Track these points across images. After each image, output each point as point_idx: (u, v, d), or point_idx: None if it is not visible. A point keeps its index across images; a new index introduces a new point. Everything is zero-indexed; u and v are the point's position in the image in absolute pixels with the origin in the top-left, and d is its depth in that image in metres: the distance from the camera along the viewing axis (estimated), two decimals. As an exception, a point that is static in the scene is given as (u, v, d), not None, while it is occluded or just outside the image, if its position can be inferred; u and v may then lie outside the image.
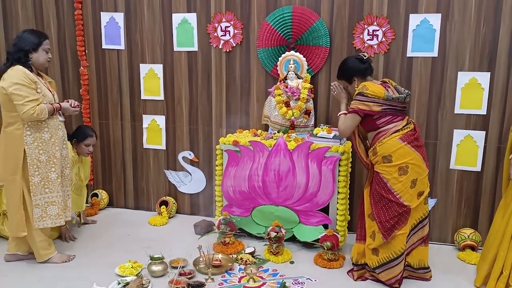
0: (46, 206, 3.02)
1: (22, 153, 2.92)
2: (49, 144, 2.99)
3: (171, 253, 3.29)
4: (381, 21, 3.38)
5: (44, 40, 2.99)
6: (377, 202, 2.84)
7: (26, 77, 2.86)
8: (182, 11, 3.77)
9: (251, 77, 3.74)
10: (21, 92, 2.83)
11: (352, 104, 2.82)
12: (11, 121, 2.91)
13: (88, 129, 3.67)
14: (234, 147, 3.43)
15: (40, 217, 3.02)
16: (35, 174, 2.96)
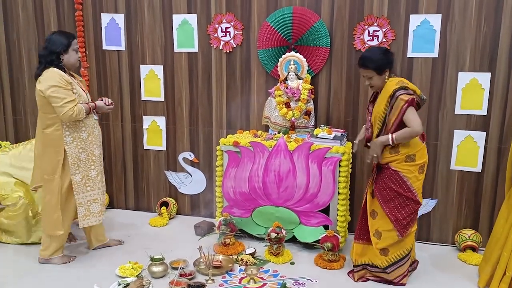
0: (89, 205, 3.11)
1: (62, 153, 2.99)
2: (87, 143, 3.06)
3: (171, 254, 3.29)
4: (382, 21, 3.38)
5: (73, 40, 3.04)
6: (389, 200, 2.83)
7: (62, 78, 2.91)
8: (182, 12, 3.78)
9: (251, 78, 3.74)
10: (59, 94, 2.88)
11: (404, 97, 2.67)
12: (50, 122, 2.97)
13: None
14: (234, 148, 3.43)
15: (84, 216, 3.10)
16: (76, 172, 3.03)
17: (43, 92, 2.89)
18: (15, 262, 3.24)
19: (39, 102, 2.98)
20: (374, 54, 2.80)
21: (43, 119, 3.00)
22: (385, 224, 2.86)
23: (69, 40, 3.00)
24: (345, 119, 3.60)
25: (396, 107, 2.71)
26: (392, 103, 2.72)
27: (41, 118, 3.02)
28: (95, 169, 3.11)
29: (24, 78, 4.28)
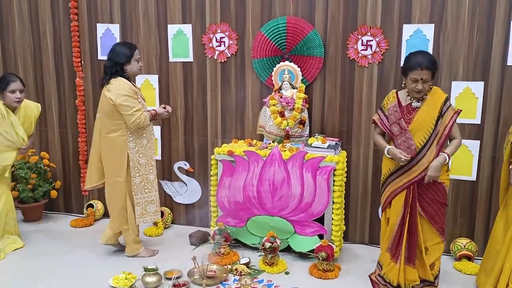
0: (146, 205, 3.30)
1: (126, 157, 3.18)
2: (146, 148, 3.26)
3: (165, 264, 3.27)
4: (375, 31, 3.40)
5: (135, 50, 3.20)
6: (435, 214, 2.78)
7: (130, 88, 3.11)
8: (177, 22, 3.80)
9: (246, 87, 3.75)
10: (129, 103, 3.08)
11: (452, 109, 2.69)
12: (115, 128, 3.15)
13: (10, 74, 3.44)
14: (229, 157, 3.43)
15: (141, 214, 3.30)
16: (136, 175, 3.24)
17: (113, 101, 3.07)
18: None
19: (106, 108, 3.14)
20: (433, 56, 2.72)
21: (107, 125, 3.17)
22: (433, 238, 2.81)
23: (132, 51, 3.17)
24: (339, 128, 3.61)
25: (447, 116, 2.68)
26: (443, 111, 2.68)
27: (105, 123, 3.17)
28: (153, 173, 3.33)
29: (20, 88, 4.28)
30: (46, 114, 4.25)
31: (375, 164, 3.58)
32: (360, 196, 3.66)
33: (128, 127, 3.15)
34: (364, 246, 3.69)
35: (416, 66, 2.62)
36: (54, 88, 4.21)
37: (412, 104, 2.74)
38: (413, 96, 2.72)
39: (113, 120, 3.15)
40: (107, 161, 3.24)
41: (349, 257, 3.49)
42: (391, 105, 2.79)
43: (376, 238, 3.67)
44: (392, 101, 2.80)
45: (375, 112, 3.08)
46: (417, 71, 2.62)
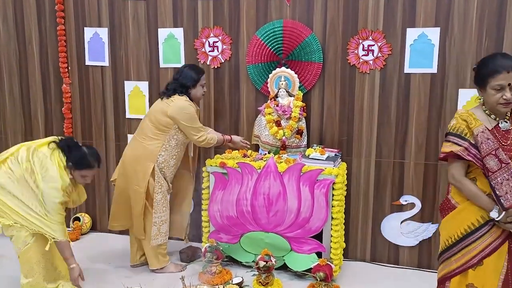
0: (161, 224, 3.20)
1: (151, 168, 3.10)
2: (171, 169, 3.20)
3: (153, 284, 3.07)
4: (377, 35, 3.20)
5: (202, 75, 3.19)
6: None
7: (193, 108, 3.11)
8: (168, 26, 3.61)
9: (240, 95, 3.55)
10: (193, 122, 3.09)
11: None
12: (154, 138, 3.11)
13: (92, 156, 2.86)
14: (221, 169, 3.22)
15: (155, 235, 3.19)
16: (159, 192, 3.14)
17: (173, 118, 3.05)
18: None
19: (156, 117, 3.09)
20: None
21: (148, 132, 3.12)
22: None
23: (199, 76, 3.16)
24: (339, 138, 3.40)
25: None
26: None
27: (148, 130, 3.12)
28: (168, 192, 3.26)
29: (5, 95, 4.09)
30: (32, 123, 4.05)
31: (376, 176, 3.37)
32: (361, 211, 3.45)
33: (165, 143, 3.11)
34: (365, 264, 3.47)
35: (500, 68, 2.01)
36: (40, 96, 4.02)
37: (499, 125, 2.10)
38: (499, 111, 2.07)
39: (157, 130, 3.11)
40: (132, 165, 3.14)
41: (349, 276, 3.26)
42: (478, 131, 2.06)
43: (378, 255, 3.45)
44: (478, 124, 2.08)
45: (446, 141, 2.14)
46: (503, 75, 2.01)
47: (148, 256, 3.26)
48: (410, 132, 3.26)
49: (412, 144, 3.27)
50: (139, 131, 3.19)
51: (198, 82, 3.16)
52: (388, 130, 3.30)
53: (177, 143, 3.16)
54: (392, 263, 3.44)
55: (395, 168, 3.33)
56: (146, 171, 3.09)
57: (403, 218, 3.37)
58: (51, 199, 2.67)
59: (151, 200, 3.14)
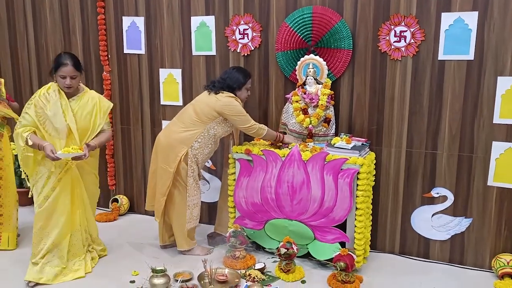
0: (193, 208, 3.29)
1: (184, 152, 3.17)
2: (204, 157, 3.28)
3: (178, 265, 3.18)
4: (410, 21, 3.08)
5: (249, 79, 3.27)
6: None
7: (238, 102, 3.20)
8: (200, 14, 3.66)
9: (269, 82, 3.55)
10: (241, 112, 3.17)
11: None
12: (193, 124, 3.19)
13: (65, 55, 2.94)
14: (246, 156, 3.25)
15: (188, 219, 3.28)
16: (191, 175, 3.22)
17: (221, 113, 3.15)
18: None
19: (204, 109, 3.16)
20: None
21: (188, 119, 3.20)
22: None
23: (246, 79, 3.24)
24: (369, 127, 3.32)
25: None
26: None
27: (188, 118, 3.21)
28: (199, 177, 3.36)
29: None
30: (75, 108, 4.27)
31: (407, 167, 3.26)
32: (390, 202, 3.36)
33: (204, 131, 3.19)
34: (394, 256, 3.39)
35: None
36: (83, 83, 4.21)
37: None
38: None
39: (198, 120, 3.18)
40: (165, 147, 3.23)
41: (375, 267, 3.21)
42: None
43: (407, 247, 3.36)
44: None
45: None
46: None
47: (177, 238, 3.37)
48: (444, 122, 3.13)
49: (445, 134, 3.14)
50: (179, 117, 3.27)
51: (244, 85, 3.23)
52: (420, 119, 3.18)
53: (215, 135, 3.23)
54: (421, 257, 3.34)
55: (427, 159, 3.21)
56: (178, 153, 3.17)
57: (435, 211, 3.25)
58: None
59: (180, 184, 3.23)
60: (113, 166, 4.25)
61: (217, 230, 3.62)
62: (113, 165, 4.25)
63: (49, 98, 2.93)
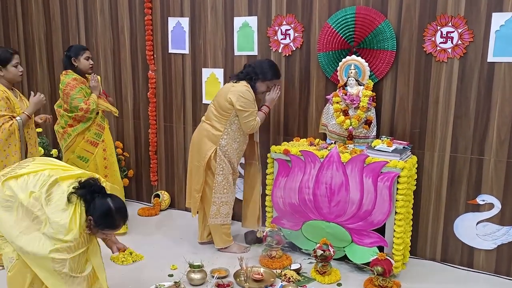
0: (221, 205, 3.33)
1: (213, 150, 3.25)
2: (235, 152, 3.31)
3: (216, 262, 3.23)
4: (457, 21, 2.98)
5: (275, 79, 3.30)
6: None
7: (252, 94, 3.21)
8: (243, 15, 3.70)
9: (310, 82, 3.54)
10: (246, 107, 3.16)
11: None
12: (216, 120, 3.25)
13: (119, 213, 2.32)
14: (284, 156, 3.26)
15: (214, 215, 3.34)
16: (220, 173, 3.28)
17: (232, 102, 3.16)
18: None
19: (220, 101, 3.23)
20: None
21: (212, 116, 3.27)
22: None
23: (273, 77, 3.27)
24: (411, 130, 3.24)
25: None
26: None
27: (211, 113, 3.28)
28: (234, 175, 3.37)
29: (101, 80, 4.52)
30: (122, 106, 4.44)
31: (451, 172, 3.16)
32: (432, 207, 3.27)
33: (227, 127, 3.22)
34: (434, 263, 3.29)
35: None
36: (130, 81, 4.37)
37: None
38: None
39: (219, 114, 3.23)
40: (196, 144, 3.33)
41: (414, 274, 3.13)
42: None
43: (449, 255, 3.26)
44: None
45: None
46: None
47: (213, 235, 3.43)
48: (492, 127, 3.00)
49: (493, 140, 3.01)
50: (206, 114, 3.35)
51: (267, 80, 3.25)
52: (466, 123, 3.07)
53: (239, 127, 3.24)
54: (465, 266, 3.23)
55: (472, 164, 3.10)
56: (207, 151, 3.24)
57: (480, 219, 3.13)
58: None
59: (212, 181, 3.29)
60: (156, 162, 4.38)
61: (244, 225, 3.62)
62: (156, 161, 4.38)
63: None
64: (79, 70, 3.56)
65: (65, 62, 3.59)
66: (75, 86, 3.48)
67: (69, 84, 3.48)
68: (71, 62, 3.54)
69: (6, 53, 3.22)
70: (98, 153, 3.63)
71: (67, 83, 3.48)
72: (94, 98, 3.55)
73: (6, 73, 3.19)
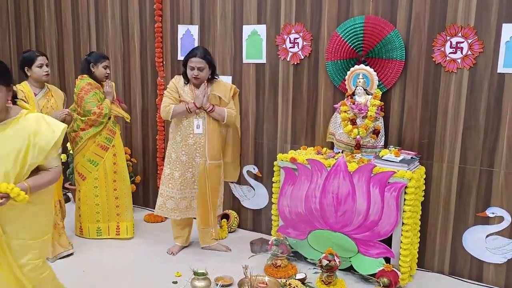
0: (167, 199, 3.40)
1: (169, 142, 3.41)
2: (179, 146, 3.33)
3: (220, 270, 3.21)
4: (467, 31, 2.96)
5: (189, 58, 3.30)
6: None
7: (173, 84, 3.35)
8: (252, 23, 3.71)
9: (318, 91, 3.53)
10: (165, 94, 3.37)
11: None
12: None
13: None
14: (291, 165, 3.25)
15: (160, 206, 3.43)
16: (167, 166, 3.40)
17: None
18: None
19: None
20: None
21: None
22: None
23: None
24: (419, 140, 3.21)
25: None
26: None
27: None
28: (179, 171, 3.34)
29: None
30: (131, 112, 4.46)
31: (459, 184, 3.12)
32: (440, 219, 3.23)
33: (172, 121, 3.35)
34: (442, 276, 3.24)
35: None
36: (139, 87, 4.40)
37: None
38: None
39: None
40: None
41: (421, 287, 3.09)
42: None
43: (458, 268, 3.21)
44: None
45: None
46: None
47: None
48: (502, 138, 2.97)
49: (503, 151, 2.97)
50: None
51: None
52: (476, 134, 3.04)
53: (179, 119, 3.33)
54: (474, 280, 3.17)
55: (482, 176, 3.06)
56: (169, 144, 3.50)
57: (489, 232, 3.08)
58: None
59: None
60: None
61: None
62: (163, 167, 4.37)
63: None
64: (95, 76, 3.63)
65: (83, 66, 3.68)
66: (89, 90, 3.55)
67: (84, 88, 3.55)
68: (89, 67, 3.62)
69: (32, 54, 3.39)
70: (108, 158, 3.66)
71: (82, 87, 3.56)
72: (108, 103, 3.60)
73: (31, 73, 3.36)
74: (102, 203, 3.72)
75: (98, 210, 3.72)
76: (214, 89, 3.31)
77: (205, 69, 3.22)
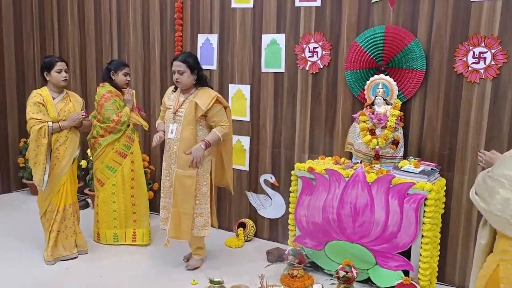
0: (161, 208, 3.39)
1: None
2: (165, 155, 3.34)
3: (236, 278, 3.20)
4: (491, 41, 2.91)
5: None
6: None
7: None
8: (271, 32, 3.72)
9: (337, 101, 3.51)
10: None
11: None
12: None
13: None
14: (309, 174, 3.23)
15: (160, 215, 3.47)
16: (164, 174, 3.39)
17: None
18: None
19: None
20: None
21: None
22: None
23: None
24: (440, 151, 3.16)
25: None
26: None
27: None
28: (169, 181, 3.30)
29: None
30: (150, 119, 4.50)
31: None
32: (461, 232, 3.16)
33: None
34: (463, 291, 3.17)
35: None
36: (159, 95, 4.44)
37: None
38: None
39: None
40: None
41: (441, 301, 3.02)
42: None
43: (478, 283, 3.12)
44: None
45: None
46: None
47: None
48: (525, 150, 2.89)
49: (527, 164, 2.90)
50: None
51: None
52: (499, 146, 2.97)
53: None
54: (496, 295, 3.08)
55: (505, 189, 2.98)
56: None
57: (512, 246, 3.00)
58: None
59: None
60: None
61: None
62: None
63: None
64: (116, 84, 3.71)
65: (104, 74, 3.76)
66: (109, 98, 3.62)
67: (104, 96, 3.63)
68: (109, 75, 3.69)
69: (52, 60, 3.47)
70: (126, 164, 3.71)
71: (102, 95, 3.64)
72: (127, 111, 3.65)
73: (50, 78, 3.43)
74: (120, 209, 3.75)
75: (115, 216, 3.76)
76: (196, 96, 3.19)
77: (185, 73, 3.12)
